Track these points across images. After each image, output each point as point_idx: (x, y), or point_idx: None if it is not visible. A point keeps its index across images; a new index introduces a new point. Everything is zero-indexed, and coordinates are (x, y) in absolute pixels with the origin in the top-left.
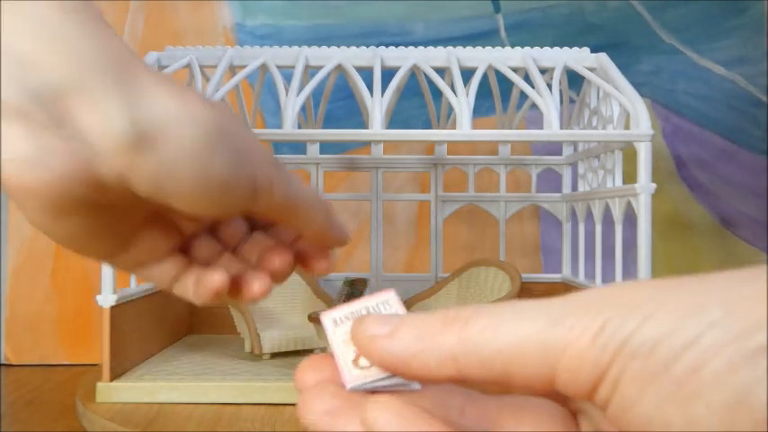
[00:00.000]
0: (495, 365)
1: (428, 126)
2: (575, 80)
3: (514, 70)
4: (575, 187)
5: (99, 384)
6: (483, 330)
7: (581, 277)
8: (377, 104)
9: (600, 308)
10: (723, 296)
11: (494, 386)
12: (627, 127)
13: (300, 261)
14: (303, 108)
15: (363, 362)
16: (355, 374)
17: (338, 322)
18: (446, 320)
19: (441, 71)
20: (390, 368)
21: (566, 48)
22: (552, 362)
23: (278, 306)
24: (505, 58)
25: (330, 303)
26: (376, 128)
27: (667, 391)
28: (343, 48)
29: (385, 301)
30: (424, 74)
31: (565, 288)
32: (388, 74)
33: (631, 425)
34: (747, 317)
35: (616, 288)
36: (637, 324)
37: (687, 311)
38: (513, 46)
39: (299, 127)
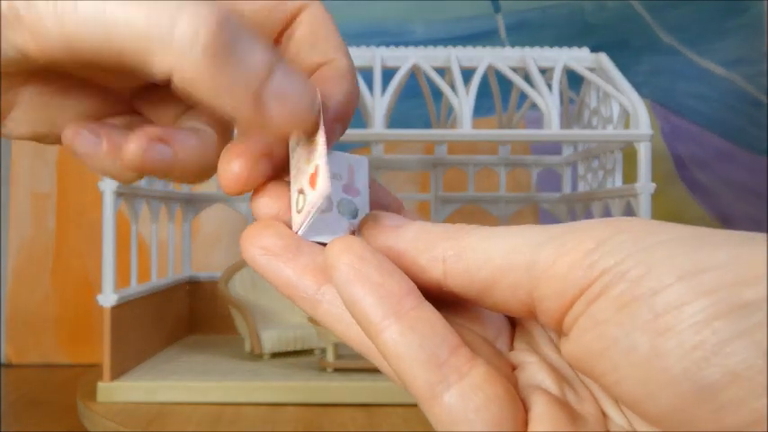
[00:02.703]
0: (480, 273)
1: (428, 126)
2: (575, 80)
3: (514, 70)
4: (575, 187)
5: (100, 384)
6: (479, 240)
7: None
8: (377, 104)
9: (598, 231)
10: (733, 245)
11: (472, 302)
12: (627, 127)
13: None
14: None
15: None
16: (297, 220)
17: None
18: (449, 230)
19: (441, 71)
20: (386, 256)
21: (565, 48)
22: (536, 274)
23: (278, 306)
24: (505, 58)
25: None
26: (376, 128)
27: (643, 320)
28: None
29: (351, 166)
30: (425, 74)
31: None
32: (388, 74)
33: (587, 347)
34: (751, 269)
35: (618, 219)
36: (634, 250)
37: (690, 247)
38: (513, 46)
39: None
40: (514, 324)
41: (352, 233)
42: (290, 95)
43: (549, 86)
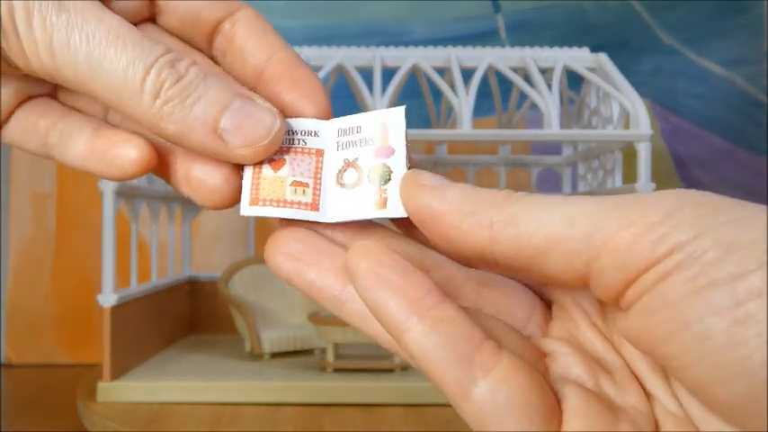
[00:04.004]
0: (533, 240)
1: (428, 126)
2: (575, 80)
3: (514, 70)
4: (575, 187)
5: (99, 384)
6: (532, 206)
7: None
8: (377, 104)
9: (668, 201)
10: None
11: (516, 271)
12: (626, 127)
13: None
14: None
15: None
16: (336, 200)
17: (340, 145)
18: (497, 195)
19: (441, 71)
20: (423, 220)
21: (565, 48)
22: (598, 244)
23: (278, 306)
24: (505, 58)
25: None
26: None
27: (721, 306)
28: (343, 48)
29: (384, 123)
30: (424, 74)
31: None
32: (388, 74)
33: (655, 327)
34: None
35: (690, 191)
36: (707, 227)
37: None
38: (513, 46)
39: None
40: (549, 304)
41: (385, 200)
42: (245, 127)
43: (549, 86)
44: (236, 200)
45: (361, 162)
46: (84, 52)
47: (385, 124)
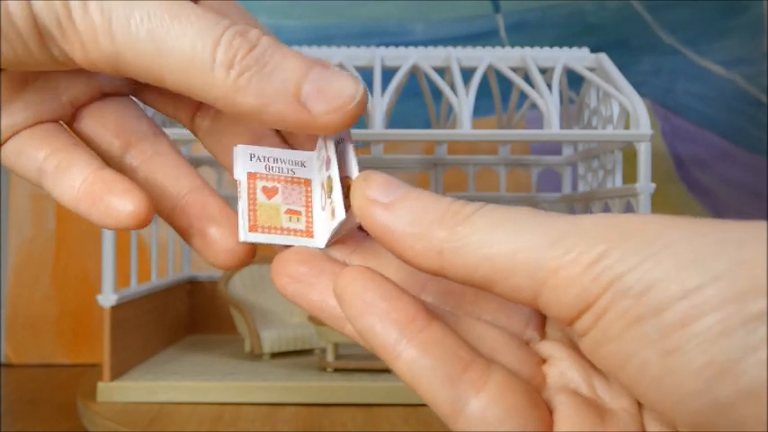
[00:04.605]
0: (480, 271)
1: (428, 126)
2: (575, 80)
3: (514, 70)
4: (575, 187)
5: (99, 384)
6: (477, 232)
7: None
8: (377, 104)
9: (602, 237)
10: (735, 249)
11: (472, 287)
12: (627, 127)
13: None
14: None
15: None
16: (320, 227)
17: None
18: (447, 212)
19: (441, 71)
20: (379, 238)
21: (565, 48)
22: (540, 281)
23: (278, 306)
24: (505, 58)
25: None
26: (376, 128)
27: (651, 338)
28: (343, 48)
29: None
30: (424, 74)
31: None
32: (388, 74)
33: (604, 359)
34: (755, 277)
35: (625, 219)
36: (635, 263)
37: (692, 258)
38: (513, 46)
39: None
40: None
41: (333, 209)
42: (328, 91)
43: (549, 86)
44: (248, 261)
45: (324, 181)
46: (146, 30)
47: (325, 135)
